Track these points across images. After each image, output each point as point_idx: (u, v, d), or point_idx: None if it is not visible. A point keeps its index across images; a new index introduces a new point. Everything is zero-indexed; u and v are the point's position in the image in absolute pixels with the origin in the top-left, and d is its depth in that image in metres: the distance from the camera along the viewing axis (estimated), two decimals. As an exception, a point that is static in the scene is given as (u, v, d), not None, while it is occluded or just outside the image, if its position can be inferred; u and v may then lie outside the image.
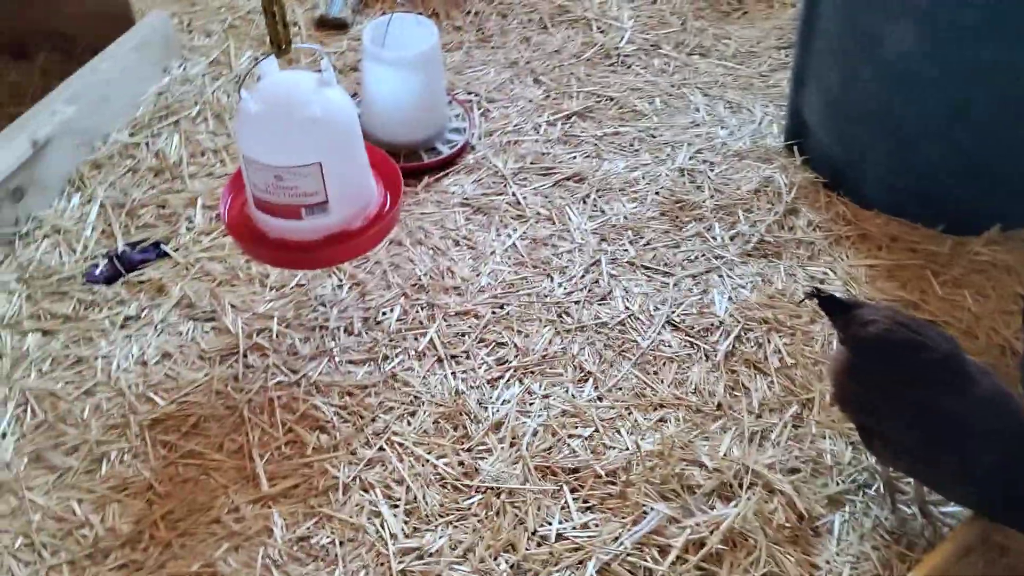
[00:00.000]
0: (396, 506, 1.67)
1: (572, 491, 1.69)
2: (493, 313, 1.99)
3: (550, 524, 1.64)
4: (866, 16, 2.00)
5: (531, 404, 1.83)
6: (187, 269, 2.10)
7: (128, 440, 1.79)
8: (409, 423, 1.80)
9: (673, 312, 1.99)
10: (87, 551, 1.63)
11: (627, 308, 2.01)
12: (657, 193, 2.26)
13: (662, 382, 1.87)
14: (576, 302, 2.02)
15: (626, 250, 2.13)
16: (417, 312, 2.00)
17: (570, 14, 2.83)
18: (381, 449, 1.76)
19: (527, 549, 1.60)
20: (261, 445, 1.77)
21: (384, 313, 2.00)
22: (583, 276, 2.07)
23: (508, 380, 1.87)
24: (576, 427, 1.79)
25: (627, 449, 1.75)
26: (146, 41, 2.54)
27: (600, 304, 2.02)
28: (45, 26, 2.66)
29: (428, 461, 1.74)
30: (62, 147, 2.28)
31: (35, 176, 2.22)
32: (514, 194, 2.26)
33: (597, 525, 1.64)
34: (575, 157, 2.37)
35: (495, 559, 1.60)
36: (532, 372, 1.89)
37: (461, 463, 1.74)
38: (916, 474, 1.59)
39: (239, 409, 1.83)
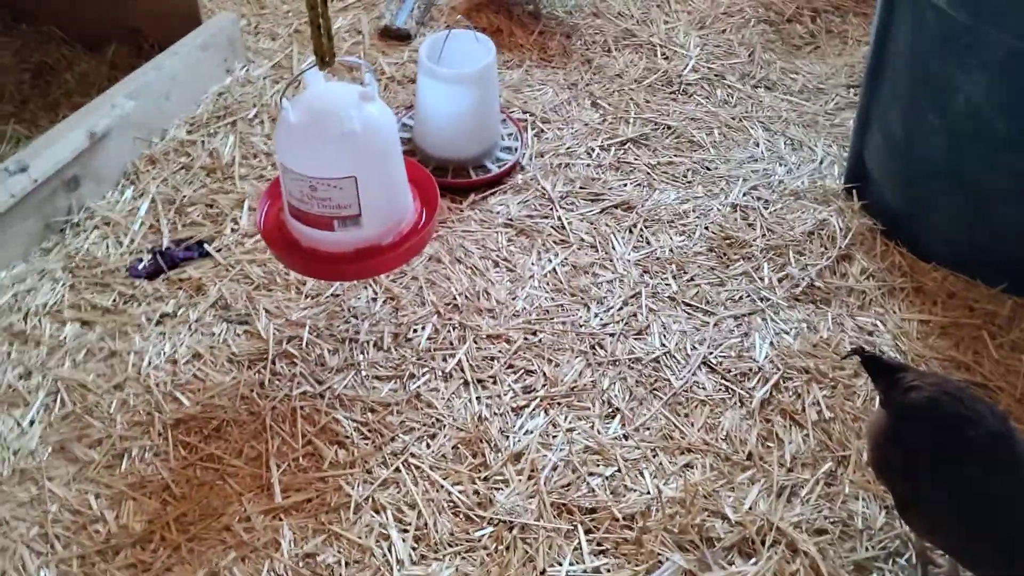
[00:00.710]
0: (406, 531, 1.65)
1: (587, 532, 1.64)
2: (525, 339, 1.96)
3: (560, 565, 1.59)
4: (938, 64, 1.91)
5: (554, 437, 1.79)
6: (227, 270, 2.11)
7: (151, 438, 1.80)
8: (428, 446, 1.78)
9: (711, 353, 1.93)
10: (98, 547, 1.64)
11: (663, 345, 1.95)
12: (707, 228, 2.20)
13: (692, 425, 1.81)
14: (611, 334, 1.97)
15: (668, 284, 2.07)
16: (449, 332, 1.97)
17: (635, 38, 2.78)
18: (397, 470, 1.74)
19: (534, 588, 1.56)
20: (279, 455, 1.76)
21: (415, 330, 1.97)
22: (621, 308, 2.02)
23: (533, 410, 1.83)
24: (598, 465, 1.74)
25: (648, 493, 1.70)
26: (212, 41, 2.57)
27: (636, 339, 1.96)
28: (118, 20, 2.70)
29: (443, 487, 1.71)
30: (120, 140, 2.32)
31: (91, 167, 2.25)
32: (559, 218, 2.22)
33: (609, 571, 1.59)
34: (626, 185, 2.32)
35: (500, 595, 1.56)
36: (559, 403, 1.84)
37: (476, 492, 1.70)
38: (952, 552, 1.50)
39: (262, 416, 1.83)
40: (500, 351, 1.93)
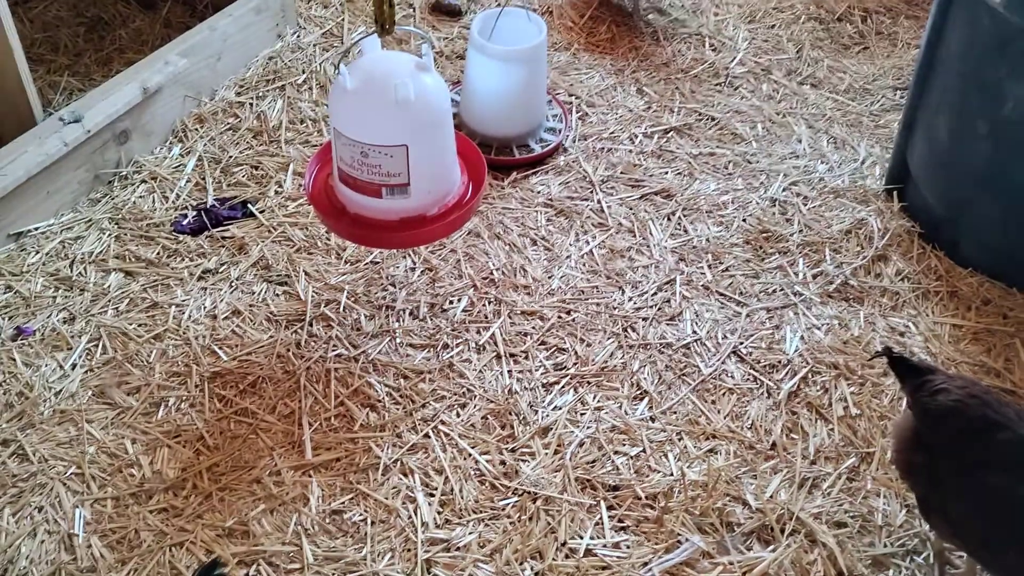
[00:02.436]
0: (432, 495, 1.68)
1: (609, 508, 1.67)
2: (559, 318, 1.98)
3: (581, 538, 1.62)
4: (990, 71, 1.91)
5: (582, 414, 1.81)
6: (269, 231, 2.14)
7: (188, 389, 1.84)
8: (458, 415, 1.81)
9: (741, 343, 1.95)
10: (132, 490, 1.68)
11: (695, 332, 1.97)
12: (744, 220, 2.21)
13: (719, 412, 1.83)
14: (644, 318, 1.99)
15: (703, 273, 2.09)
16: (484, 305, 2.00)
17: (686, 29, 2.79)
18: (427, 436, 1.77)
19: (554, 560, 1.59)
20: (311, 414, 1.80)
21: (451, 302, 2.00)
22: (655, 293, 2.04)
23: (563, 387, 1.86)
24: (623, 444, 1.77)
25: (671, 475, 1.72)
26: (265, 5, 2.60)
27: (668, 324, 1.98)
28: (174, -21, 2.75)
29: (470, 455, 1.74)
30: (171, 98, 2.36)
31: (142, 122, 2.29)
32: (599, 201, 2.24)
33: (628, 547, 1.61)
34: (667, 173, 2.33)
35: (520, 564, 1.59)
36: (588, 382, 1.87)
37: (503, 462, 1.73)
38: (974, 555, 1.51)
39: (297, 375, 1.86)
40: (533, 327, 1.96)
